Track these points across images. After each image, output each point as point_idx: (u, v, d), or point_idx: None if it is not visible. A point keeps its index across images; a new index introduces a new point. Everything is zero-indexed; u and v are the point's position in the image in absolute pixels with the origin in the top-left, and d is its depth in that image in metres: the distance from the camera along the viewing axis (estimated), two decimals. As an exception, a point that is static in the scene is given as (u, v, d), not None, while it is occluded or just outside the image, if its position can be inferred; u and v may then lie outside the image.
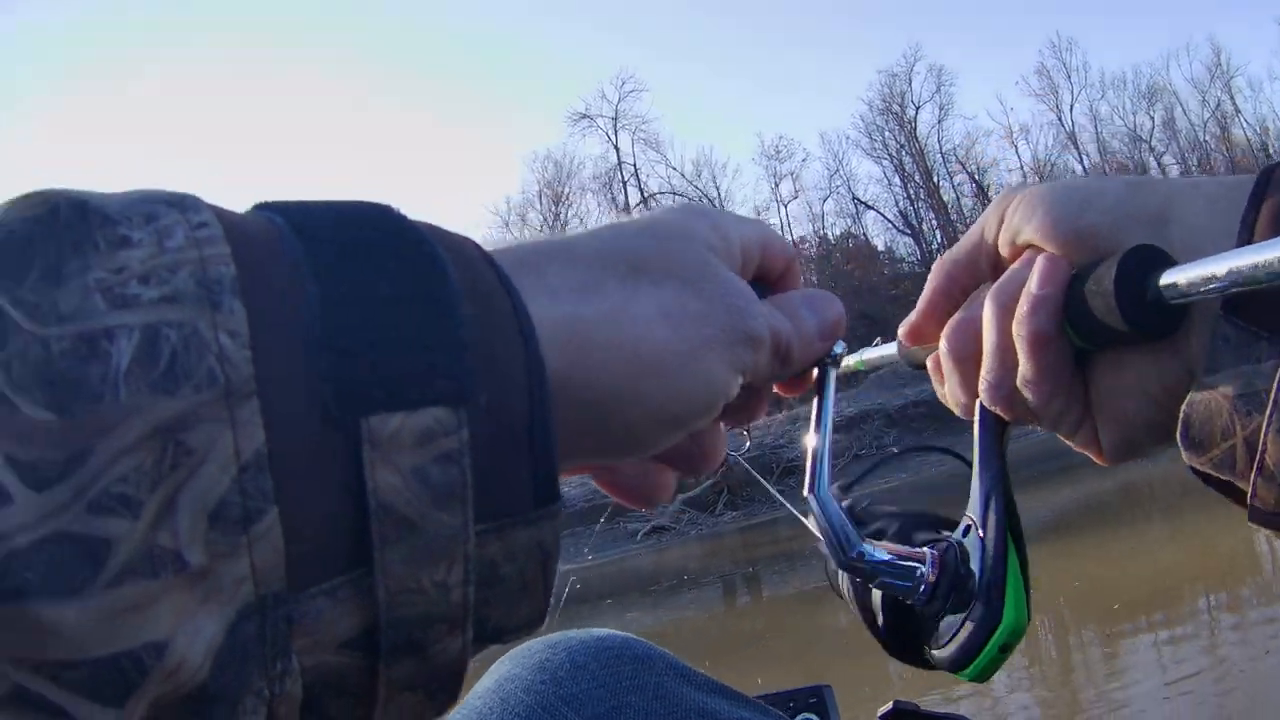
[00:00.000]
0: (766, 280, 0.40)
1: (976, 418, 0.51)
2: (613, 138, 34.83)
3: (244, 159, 55.58)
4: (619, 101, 34.70)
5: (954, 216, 35.01)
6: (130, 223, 0.22)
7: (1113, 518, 8.79)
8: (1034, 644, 5.12)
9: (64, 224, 0.21)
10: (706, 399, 0.33)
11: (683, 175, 35.57)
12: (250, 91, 54.73)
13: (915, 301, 0.53)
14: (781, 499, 0.80)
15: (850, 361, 0.59)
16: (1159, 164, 34.63)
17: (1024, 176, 36.04)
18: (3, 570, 0.18)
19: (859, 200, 36.34)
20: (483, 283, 0.27)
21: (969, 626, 0.49)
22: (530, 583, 0.27)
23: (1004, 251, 0.48)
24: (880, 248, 36.64)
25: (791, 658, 6.37)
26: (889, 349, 0.56)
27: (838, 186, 36.50)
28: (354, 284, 0.24)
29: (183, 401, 0.20)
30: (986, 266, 0.50)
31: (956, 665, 0.51)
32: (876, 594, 0.60)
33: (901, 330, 0.53)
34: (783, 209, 36.59)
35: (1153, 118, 35.52)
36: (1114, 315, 0.41)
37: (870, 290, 33.30)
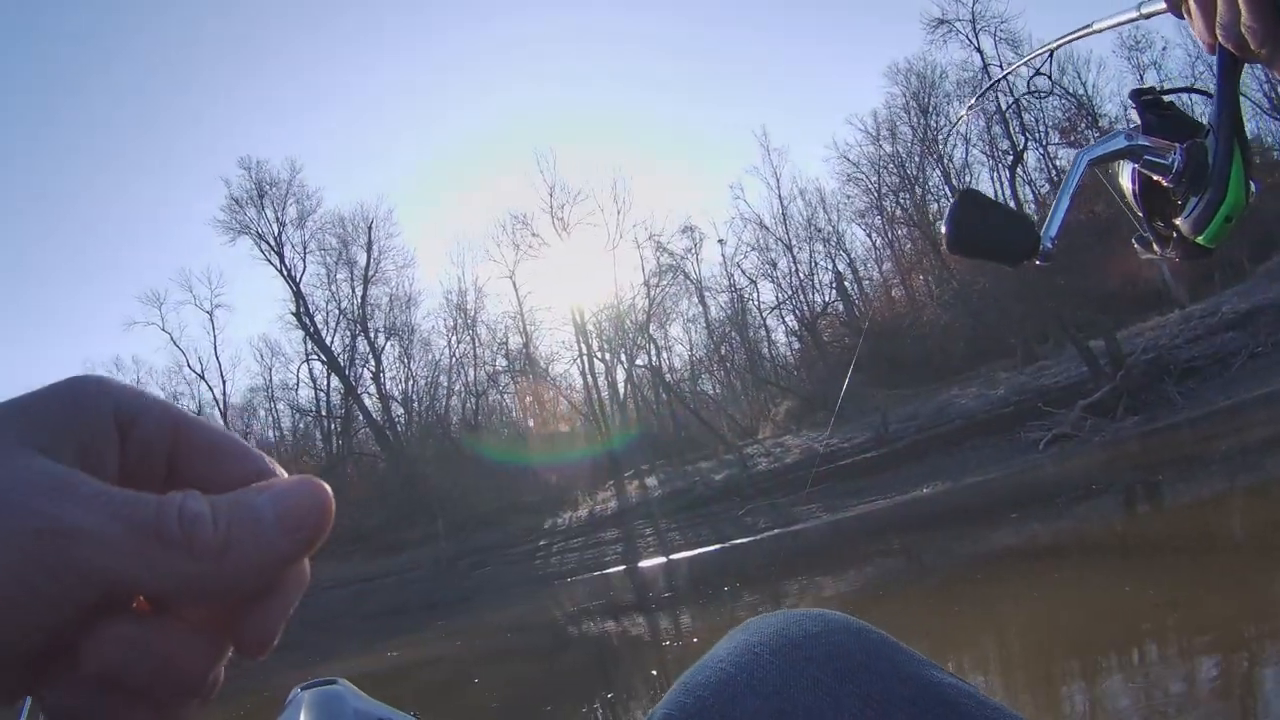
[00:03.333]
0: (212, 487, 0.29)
1: (1216, 55, 0.63)
2: (974, 40, 32.05)
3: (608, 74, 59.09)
4: (974, 3, 31.70)
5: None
6: None
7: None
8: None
9: None
10: None
11: (1047, 77, 32.98)
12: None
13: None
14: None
15: (1123, 18, 0.74)
16: None
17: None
18: None
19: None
20: None
21: (1203, 202, 0.63)
22: None
23: None
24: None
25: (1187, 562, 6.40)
26: (1158, 3, 0.68)
27: (1201, 73, 32.16)
28: None
29: None
30: None
31: (1194, 230, 0.63)
32: (1125, 182, 0.72)
33: None
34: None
35: None
36: None
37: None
